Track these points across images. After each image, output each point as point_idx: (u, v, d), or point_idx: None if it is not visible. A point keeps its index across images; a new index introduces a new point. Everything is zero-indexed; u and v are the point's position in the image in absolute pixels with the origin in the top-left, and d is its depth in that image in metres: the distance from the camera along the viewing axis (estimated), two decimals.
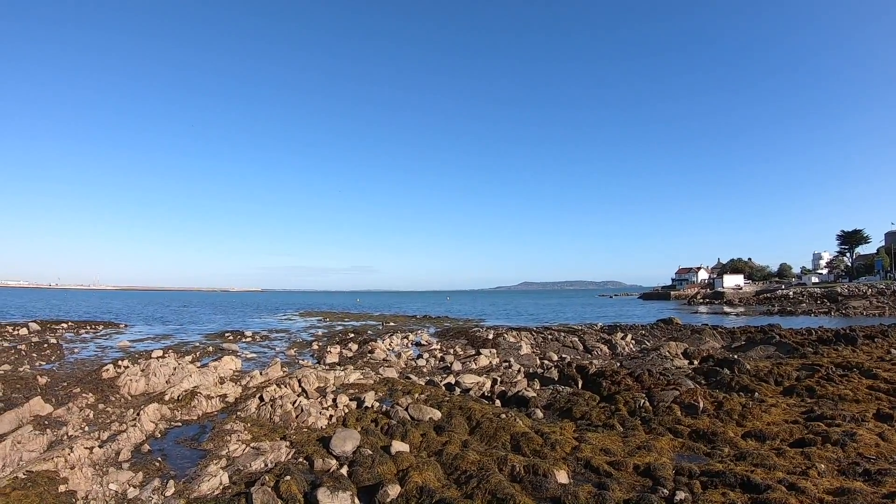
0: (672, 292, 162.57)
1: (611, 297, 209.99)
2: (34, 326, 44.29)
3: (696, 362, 26.17)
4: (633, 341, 37.57)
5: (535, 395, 17.82)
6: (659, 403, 15.76)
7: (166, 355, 27.69)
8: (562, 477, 10.11)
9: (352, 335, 43.17)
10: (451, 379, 21.40)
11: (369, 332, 46.88)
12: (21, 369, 24.27)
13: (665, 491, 9.32)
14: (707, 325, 49.50)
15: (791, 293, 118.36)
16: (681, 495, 9.01)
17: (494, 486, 9.36)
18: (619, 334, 40.76)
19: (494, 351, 30.73)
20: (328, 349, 33.48)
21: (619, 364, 25.19)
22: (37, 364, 26.66)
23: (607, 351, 33.23)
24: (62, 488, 10.19)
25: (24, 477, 10.27)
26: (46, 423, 15.22)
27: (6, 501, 8.95)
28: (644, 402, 15.87)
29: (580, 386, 19.46)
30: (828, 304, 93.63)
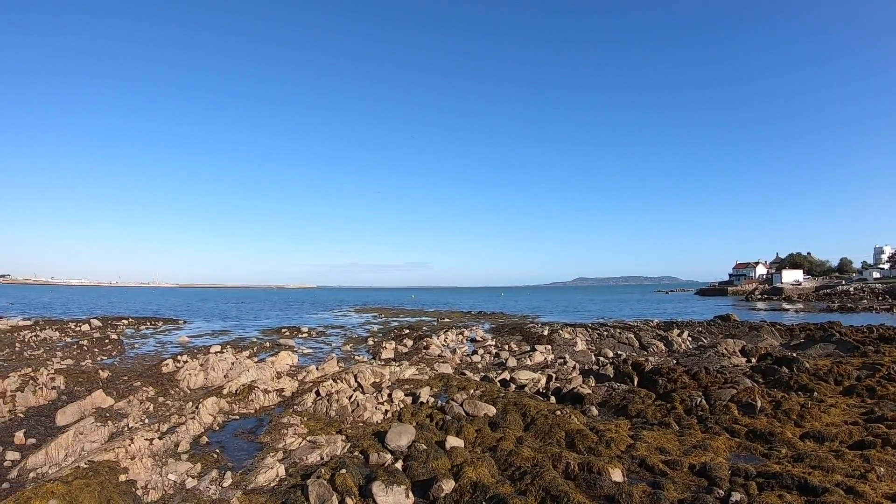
0: (729, 288, 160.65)
1: (667, 292, 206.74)
2: (96, 323, 46.30)
3: (753, 360, 25.88)
4: (689, 338, 37.21)
5: (590, 392, 17.82)
6: (716, 402, 15.64)
7: (224, 350, 28.82)
8: (616, 475, 10.14)
9: (407, 331, 43.69)
10: (506, 375, 21.50)
11: (424, 328, 47.39)
12: (83, 364, 25.53)
13: (720, 492, 9.27)
14: (765, 321, 48.77)
15: (851, 289, 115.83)
16: (736, 496, 8.96)
17: (548, 483, 9.43)
18: (676, 331, 40.35)
19: (549, 347, 30.79)
20: (383, 345, 34.16)
21: (675, 361, 25.17)
22: (98, 359, 27.96)
23: (663, 348, 33.11)
24: (123, 478, 10.78)
25: (85, 466, 10.98)
26: (108, 415, 16.00)
27: (68, 490, 9.63)
28: (700, 401, 15.76)
29: (636, 383, 19.42)
30: (890, 300, 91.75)
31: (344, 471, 10.37)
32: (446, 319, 59.59)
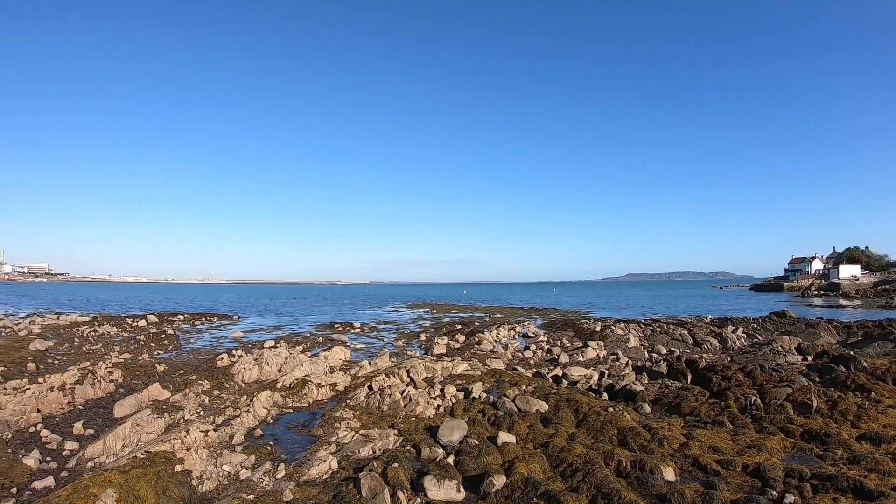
0: (785, 283, 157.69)
1: (720, 288, 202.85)
2: (152, 318, 47.77)
3: (809, 358, 25.30)
4: (744, 335, 36.68)
5: (642, 389, 17.69)
6: (770, 401, 15.33)
7: (278, 345, 29.51)
8: (669, 474, 10.05)
9: (459, 326, 43.92)
10: (559, 371, 21.51)
11: (476, 323, 47.51)
12: (140, 358, 26.34)
13: (774, 493, 9.15)
14: (822, 318, 47.54)
15: None
16: (790, 498, 8.83)
17: (600, 481, 9.41)
18: (730, 327, 39.71)
19: (602, 343, 30.71)
20: (436, 340, 34.50)
21: (729, 359, 24.91)
22: (155, 353, 28.86)
23: (717, 345, 32.75)
24: (178, 468, 11.14)
25: (142, 457, 11.40)
26: (164, 407, 16.59)
27: (125, 479, 10.02)
28: (755, 399, 15.47)
29: (689, 381, 19.16)
30: None
31: (396, 464, 10.51)
32: (498, 315, 59.53)
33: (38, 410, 16.61)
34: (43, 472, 12.11)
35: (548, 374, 21.36)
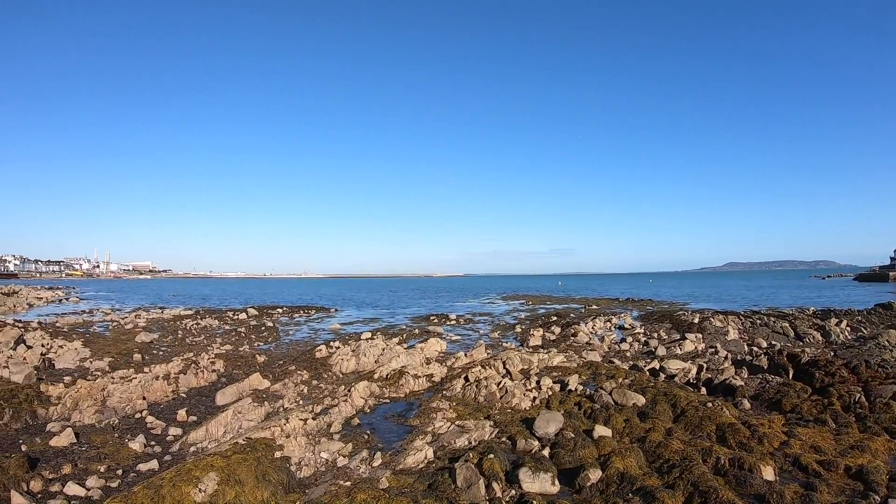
0: (890, 273, 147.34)
1: (823, 278, 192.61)
2: (252, 312, 49.59)
3: None
4: (848, 328, 34.77)
5: (742, 384, 17.10)
6: (876, 399, 14.53)
7: (375, 337, 30.09)
8: (767, 473, 9.73)
9: (554, 318, 43.63)
10: (656, 364, 21.10)
11: (572, 315, 47.04)
12: (241, 349, 27.55)
13: (877, 497, 8.75)
14: None
15: None
16: (894, 503, 8.46)
17: (697, 478, 9.22)
18: (833, 320, 37.75)
19: (700, 336, 29.90)
20: (531, 332, 34.48)
21: (832, 353, 23.80)
22: (255, 345, 30.11)
23: (820, 338, 31.29)
24: (278, 454, 11.61)
25: (243, 443, 11.93)
26: (264, 396, 17.24)
27: (227, 463, 10.53)
28: (859, 397, 14.71)
29: (790, 376, 18.51)
30: None
31: (491, 455, 10.58)
32: (594, 306, 58.75)
33: (144, 398, 17.67)
34: (147, 455, 12.88)
35: (644, 367, 21.03)
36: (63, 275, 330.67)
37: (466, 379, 18.11)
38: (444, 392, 17.36)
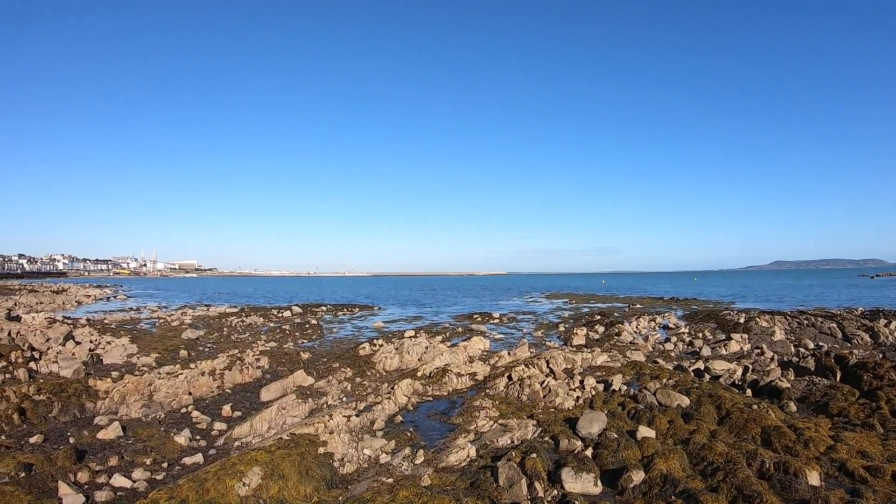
0: None
1: (872, 277, 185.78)
2: (296, 309, 50.12)
3: None
4: None
5: (788, 386, 16.80)
6: None
7: (418, 335, 30.27)
8: (813, 478, 9.56)
9: (598, 317, 43.28)
10: (700, 364, 20.86)
11: (615, 314, 46.60)
12: (285, 346, 27.89)
13: None
14: None
15: None
16: None
17: (741, 482, 9.11)
18: (883, 321, 36.66)
19: (745, 336, 29.48)
20: (575, 331, 34.19)
21: (881, 355, 23.51)
22: (299, 342, 30.46)
23: (869, 340, 30.59)
24: (321, 450, 11.74)
25: (287, 438, 12.12)
26: (308, 393, 17.41)
27: (271, 458, 10.72)
28: None
29: (838, 378, 18.08)
30: None
31: (534, 455, 10.59)
32: (638, 305, 58.11)
33: (190, 393, 18.06)
34: (192, 449, 13.16)
35: (689, 367, 20.80)
36: (110, 273, 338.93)
37: (510, 378, 18.14)
38: (487, 390, 17.43)
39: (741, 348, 26.50)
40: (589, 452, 11.31)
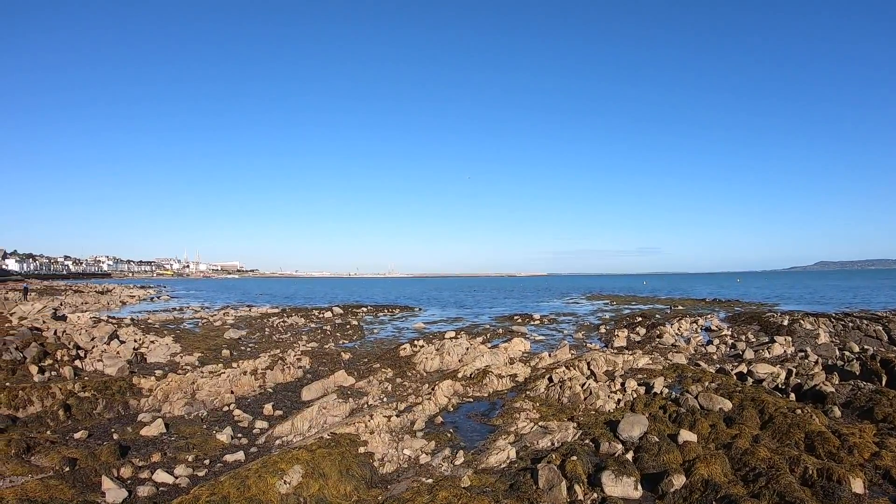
0: None
1: None
2: (337, 310, 50.70)
3: None
4: None
5: (833, 390, 16.37)
6: None
7: (459, 336, 30.33)
8: (857, 486, 9.33)
9: (639, 319, 43.16)
10: (743, 368, 20.56)
11: (657, 315, 46.32)
12: (326, 347, 28.17)
13: None
14: None
15: None
16: None
17: (783, 488, 8.94)
18: None
19: (789, 339, 28.95)
20: (616, 333, 34.12)
21: None
22: (340, 342, 30.71)
23: None
24: (361, 450, 11.84)
25: (328, 437, 12.22)
26: (349, 393, 17.61)
27: (312, 457, 10.82)
28: None
29: (883, 383, 17.62)
30: None
31: (574, 457, 10.56)
32: (680, 307, 57.74)
33: (232, 392, 18.34)
34: (234, 447, 13.36)
35: (731, 370, 20.51)
36: (154, 274, 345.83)
37: (550, 379, 18.07)
38: (528, 392, 17.38)
39: (784, 351, 26.10)
40: (629, 456, 11.22)
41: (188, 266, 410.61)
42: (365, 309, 55.77)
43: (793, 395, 16.75)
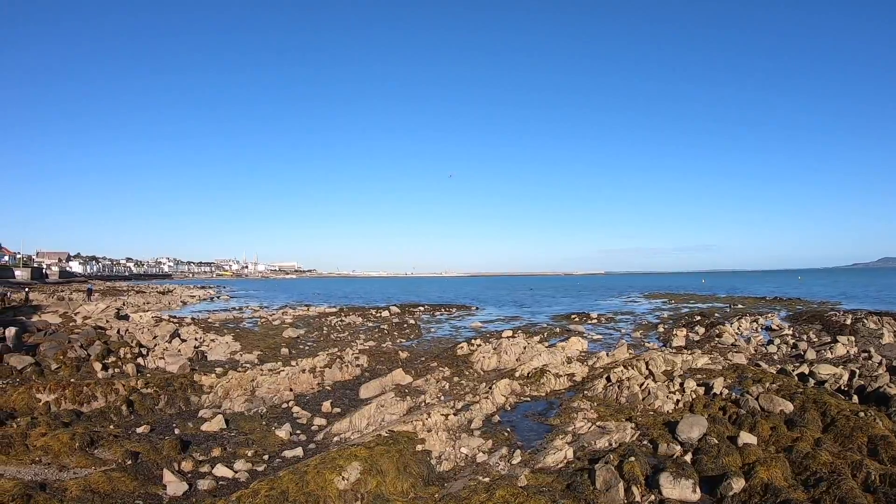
0: None
1: None
2: (395, 309, 51.03)
3: None
4: None
5: None
6: None
7: (516, 335, 30.31)
8: None
9: (698, 318, 42.47)
10: (804, 368, 20.01)
11: (716, 314, 45.51)
12: (384, 345, 28.38)
13: None
14: None
15: None
16: None
17: (845, 494, 8.73)
18: None
19: (852, 339, 28.23)
20: (674, 332, 33.76)
21: None
22: (398, 341, 31.01)
23: None
24: (419, 448, 11.91)
25: (386, 435, 12.36)
26: (406, 391, 17.74)
27: (370, 454, 10.95)
28: None
29: None
30: None
31: (632, 458, 10.46)
32: (739, 306, 56.79)
33: (291, 389, 18.69)
34: (293, 443, 13.62)
35: (793, 371, 19.98)
36: (214, 275, 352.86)
37: (608, 379, 17.95)
38: (586, 392, 17.34)
39: (847, 352, 25.46)
40: (688, 458, 11.08)
41: (247, 267, 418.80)
42: (422, 308, 56.12)
43: (856, 398, 16.22)
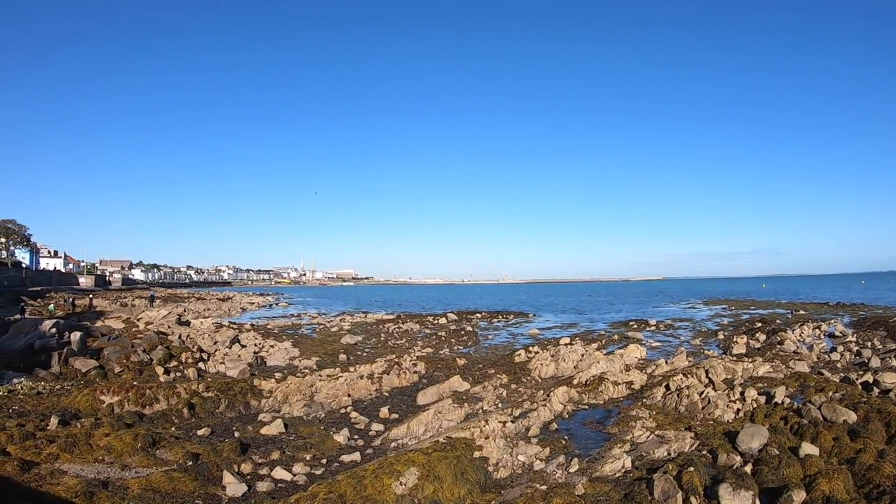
0: None
1: None
2: (452, 316, 51.40)
3: None
4: None
5: None
6: None
7: (573, 342, 30.10)
8: None
9: (759, 324, 41.58)
10: (868, 377, 19.31)
11: (777, 321, 44.37)
12: (441, 352, 28.66)
13: None
14: None
15: None
16: None
17: None
18: None
19: None
20: (734, 339, 33.13)
21: None
22: (455, 348, 31.13)
23: None
24: (476, 454, 11.96)
25: (443, 441, 12.42)
26: (464, 398, 17.80)
27: (427, 460, 11.04)
28: None
29: None
30: None
31: (691, 469, 10.32)
32: (801, 312, 55.04)
33: (349, 395, 18.93)
34: (350, 447, 13.81)
35: (856, 379, 19.29)
36: (272, 282, 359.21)
37: (667, 387, 17.75)
38: (644, 400, 17.18)
39: None
40: (748, 469, 10.84)
41: (305, 274, 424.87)
42: (479, 315, 56.18)
43: None
